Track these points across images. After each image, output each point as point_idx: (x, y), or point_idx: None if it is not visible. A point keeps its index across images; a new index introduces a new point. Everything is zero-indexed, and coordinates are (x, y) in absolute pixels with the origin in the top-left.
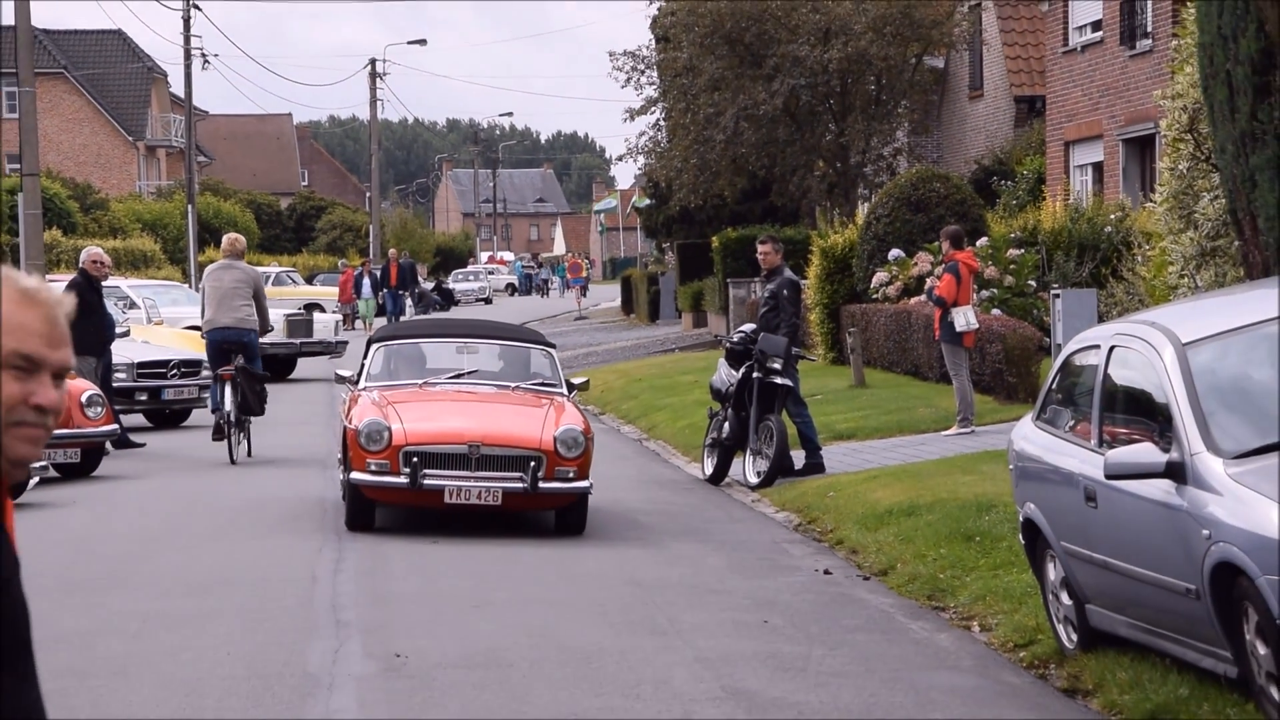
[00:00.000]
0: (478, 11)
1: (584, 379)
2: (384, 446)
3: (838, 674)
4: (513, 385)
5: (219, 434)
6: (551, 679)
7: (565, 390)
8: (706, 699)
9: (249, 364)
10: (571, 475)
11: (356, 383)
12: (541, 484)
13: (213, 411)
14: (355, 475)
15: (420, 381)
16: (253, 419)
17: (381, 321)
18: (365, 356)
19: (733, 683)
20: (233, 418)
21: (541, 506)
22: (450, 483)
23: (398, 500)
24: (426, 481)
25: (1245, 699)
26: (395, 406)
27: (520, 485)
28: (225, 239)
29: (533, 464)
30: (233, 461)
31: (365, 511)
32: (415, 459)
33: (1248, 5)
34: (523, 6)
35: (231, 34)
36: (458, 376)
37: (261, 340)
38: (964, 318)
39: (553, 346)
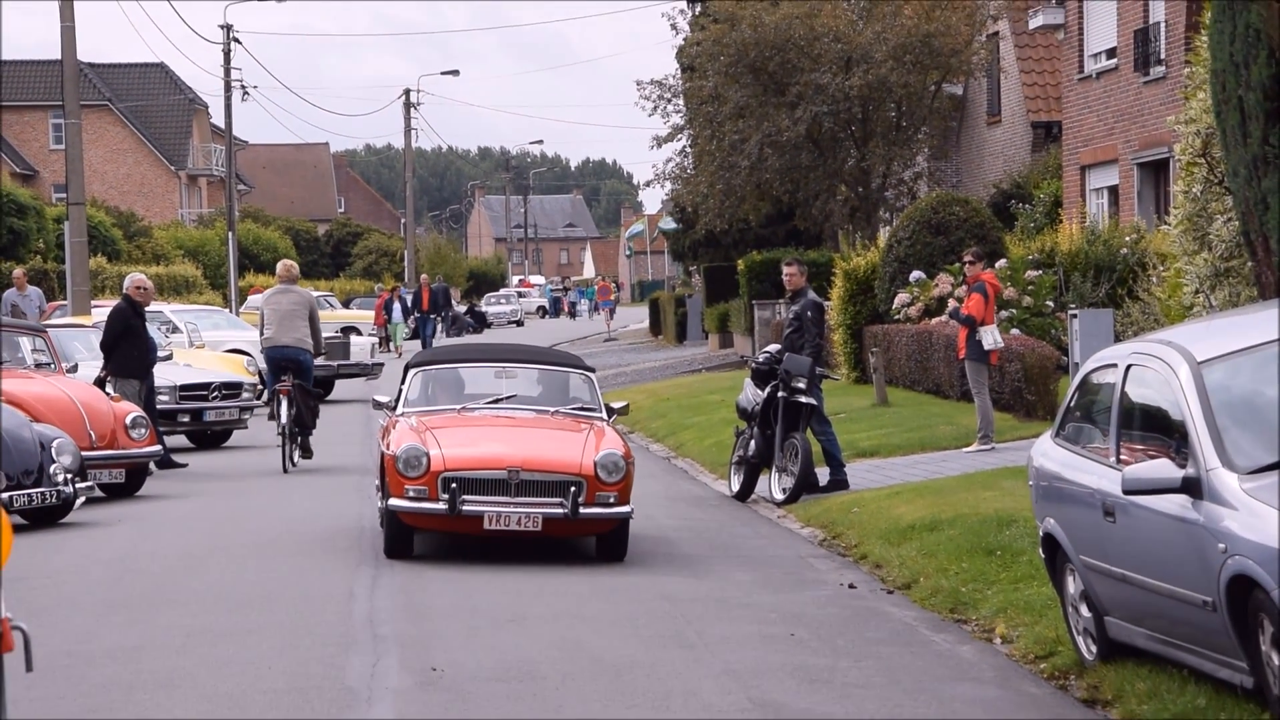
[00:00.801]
0: (501, 44)
1: (624, 403)
2: (422, 472)
3: (863, 685)
4: (552, 410)
5: (287, 445)
6: (583, 692)
7: (605, 415)
8: (734, 710)
9: (302, 380)
10: (612, 500)
11: (394, 408)
12: (582, 509)
13: (270, 407)
14: (393, 502)
15: (458, 406)
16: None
17: (415, 345)
18: (403, 382)
19: (760, 694)
20: (288, 430)
21: (582, 532)
22: (490, 509)
23: (436, 527)
24: (465, 508)
25: (1262, 709)
26: (433, 432)
27: (561, 511)
28: (280, 265)
29: (573, 489)
30: (285, 471)
31: (404, 539)
32: (454, 485)
33: (1259, 33)
34: (544, 39)
35: (267, 67)
36: (496, 401)
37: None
38: (991, 336)
39: (592, 371)
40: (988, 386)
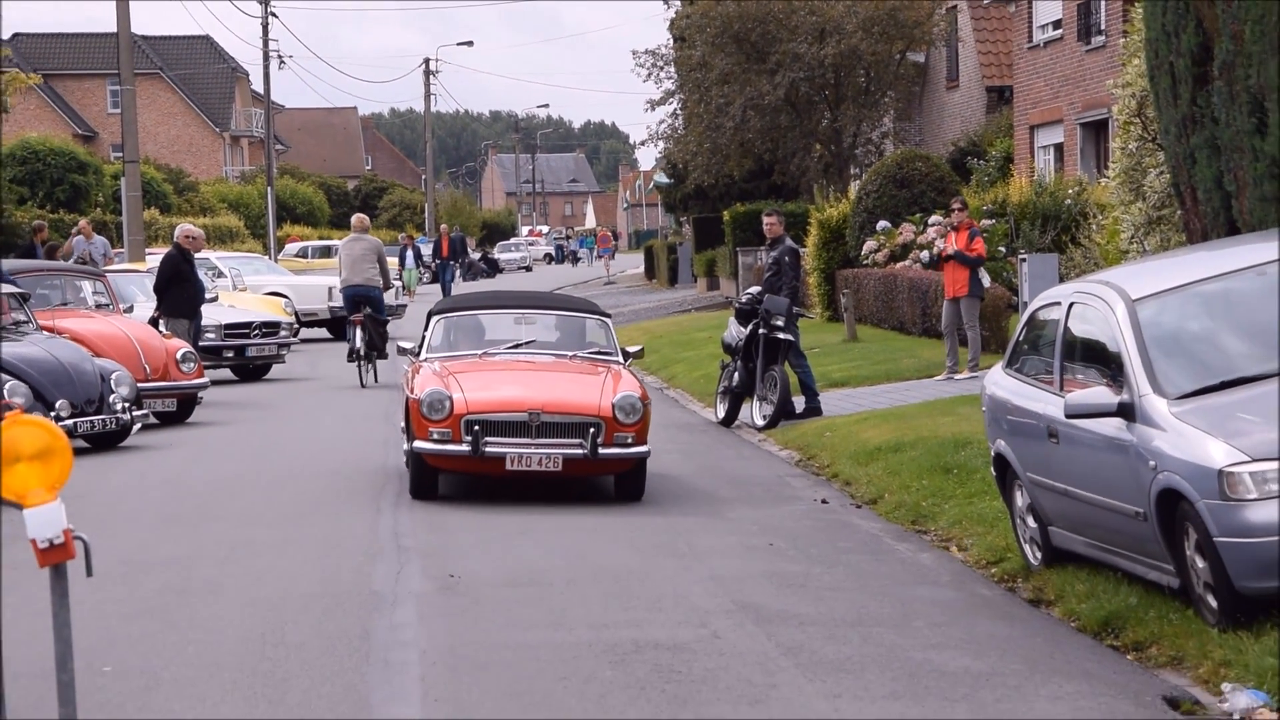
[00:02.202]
0: (500, 18)
1: (639, 347)
2: (445, 415)
3: (833, 589)
4: (570, 354)
5: (352, 357)
6: (586, 595)
7: (621, 358)
8: (720, 611)
9: (375, 312)
10: (630, 441)
11: (418, 354)
12: (601, 450)
13: (349, 341)
14: (418, 444)
15: (480, 352)
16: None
17: (432, 289)
18: (426, 329)
19: (742, 597)
20: (363, 352)
21: (601, 472)
22: (511, 450)
23: (460, 468)
24: (488, 449)
25: (1185, 606)
26: (456, 376)
27: (580, 452)
28: (354, 218)
29: (592, 430)
30: (362, 385)
31: (428, 479)
32: (476, 427)
33: (1187, 5)
34: (540, 13)
35: (301, 39)
36: (516, 347)
37: (329, 302)
38: (988, 276)
39: (608, 316)
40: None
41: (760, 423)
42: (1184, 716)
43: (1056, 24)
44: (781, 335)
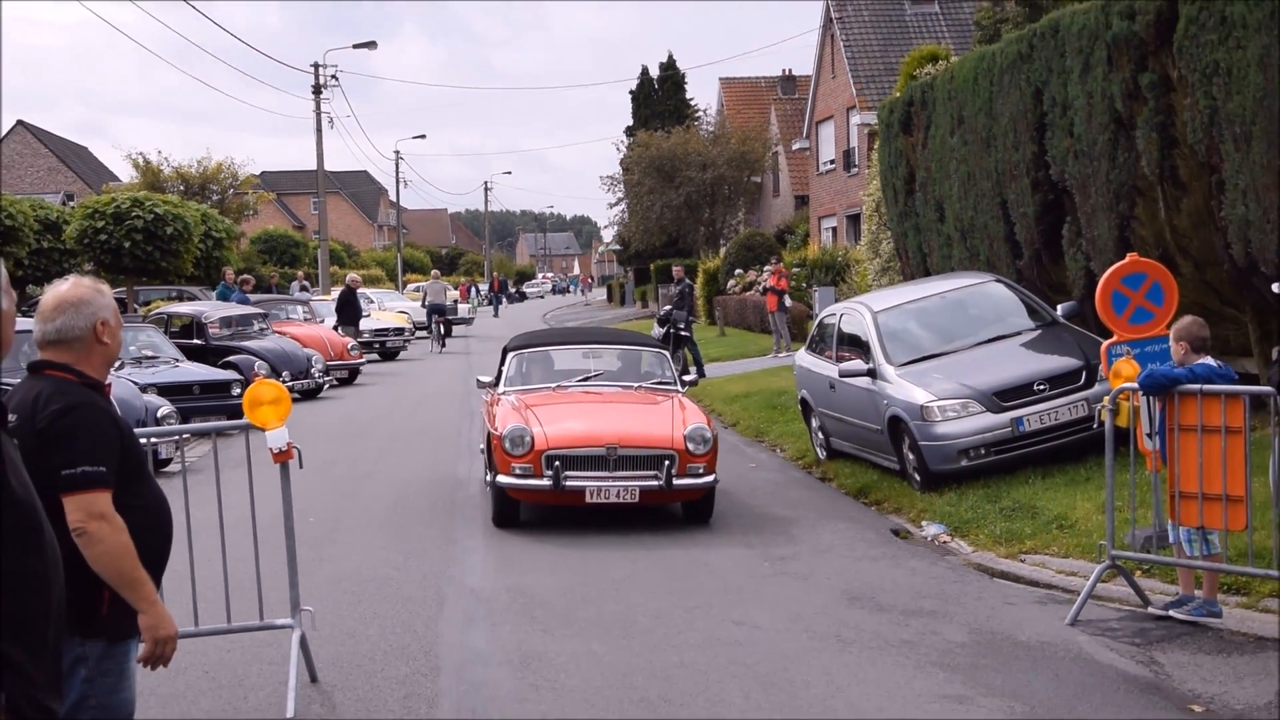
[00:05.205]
0: (519, 160)
1: (694, 377)
2: (527, 451)
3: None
4: (635, 385)
5: (430, 337)
6: None
7: (679, 387)
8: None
9: (443, 315)
10: (701, 470)
11: (495, 385)
12: (675, 481)
13: (430, 331)
14: (501, 479)
15: (553, 385)
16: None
17: (487, 310)
18: (502, 363)
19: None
20: (440, 337)
21: (674, 500)
22: (590, 483)
23: (542, 500)
24: (568, 483)
25: (903, 480)
26: (534, 410)
27: (655, 483)
28: (432, 271)
29: (666, 462)
30: (440, 352)
31: (510, 510)
32: (557, 462)
33: (901, 151)
34: (537, 157)
35: (419, 171)
36: (586, 379)
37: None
38: (789, 300)
39: (664, 348)
40: (786, 325)
41: None
42: (902, 540)
43: (831, 161)
44: (683, 333)
